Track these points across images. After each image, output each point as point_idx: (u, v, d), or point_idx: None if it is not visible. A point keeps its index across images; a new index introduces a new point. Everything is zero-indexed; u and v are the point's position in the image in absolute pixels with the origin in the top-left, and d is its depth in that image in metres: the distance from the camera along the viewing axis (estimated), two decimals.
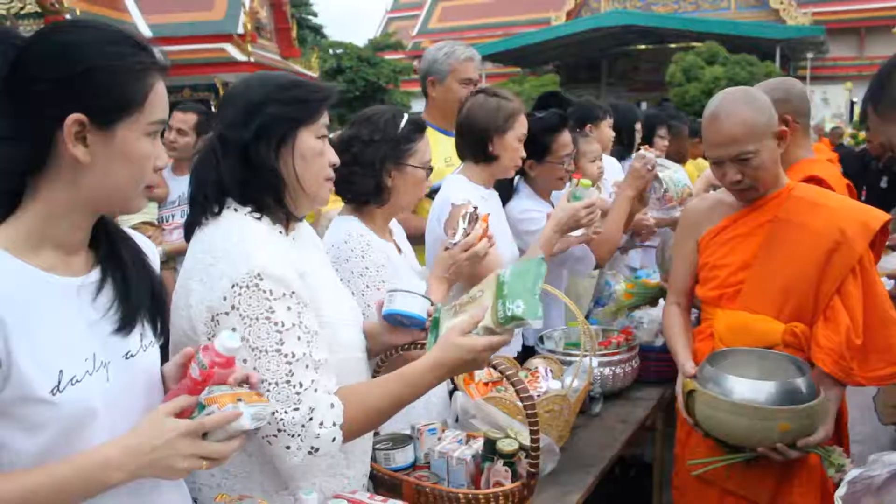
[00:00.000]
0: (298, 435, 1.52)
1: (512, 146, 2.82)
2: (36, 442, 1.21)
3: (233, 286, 1.51)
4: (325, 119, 1.72)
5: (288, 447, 1.52)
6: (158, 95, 1.29)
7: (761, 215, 2.33)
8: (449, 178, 2.90)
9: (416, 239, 2.79)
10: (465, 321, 1.67)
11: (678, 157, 5.23)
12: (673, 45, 29.08)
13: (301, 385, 1.53)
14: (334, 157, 1.75)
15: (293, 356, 1.54)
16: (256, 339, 1.52)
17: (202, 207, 1.66)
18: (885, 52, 28.95)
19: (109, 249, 1.37)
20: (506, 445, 1.83)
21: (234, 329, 1.46)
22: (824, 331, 2.20)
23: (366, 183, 2.20)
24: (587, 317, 3.22)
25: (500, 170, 2.87)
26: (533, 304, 1.58)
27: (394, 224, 2.49)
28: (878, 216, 2.24)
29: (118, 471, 1.21)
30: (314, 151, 1.69)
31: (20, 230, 1.24)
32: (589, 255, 3.14)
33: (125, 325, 1.34)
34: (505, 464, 1.81)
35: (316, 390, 1.55)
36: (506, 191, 3.18)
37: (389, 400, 1.64)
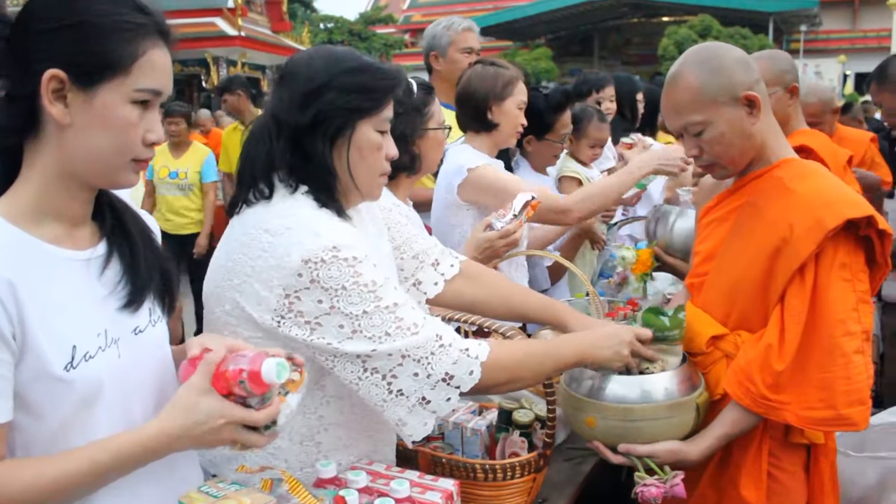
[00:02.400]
0: (426, 359, 1.49)
1: (512, 113, 2.81)
2: (49, 422, 1.19)
3: (306, 262, 1.45)
4: (388, 112, 1.63)
5: (416, 374, 1.48)
6: (152, 62, 1.21)
7: (737, 198, 1.98)
8: (454, 147, 2.89)
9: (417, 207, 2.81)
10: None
11: None
12: (666, 19, 29.01)
13: (416, 325, 1.49)
14: (393, 150, 1.67)
15: (395, 305, 1.50)
16: (349, 305, 1.47)
17: (249, 186, 1.59)
18: (878, 25, 29.04)
19: (115, 223, 1.34)
20: (522, 416, 1.83)
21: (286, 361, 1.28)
22: (747, 345, 1.85)
23: (401, 158, 2.19)
24: None
25: (501, 138, 2.86)
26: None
27: None
28: (839, 212, 1.73)
29: (170, 449, 1.21)
30: (372, 146, 1.61)
31: (20, 200, 1.21)
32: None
33: (134, 301, 1.31)
34: (521, 434, 1.81)
35: (435, 324, 1.53)
36: (505, 165, 3.19)
37: (523, 353, 1.63)
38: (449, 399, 1.52)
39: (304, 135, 1.56)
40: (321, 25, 33.91)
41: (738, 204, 1.96)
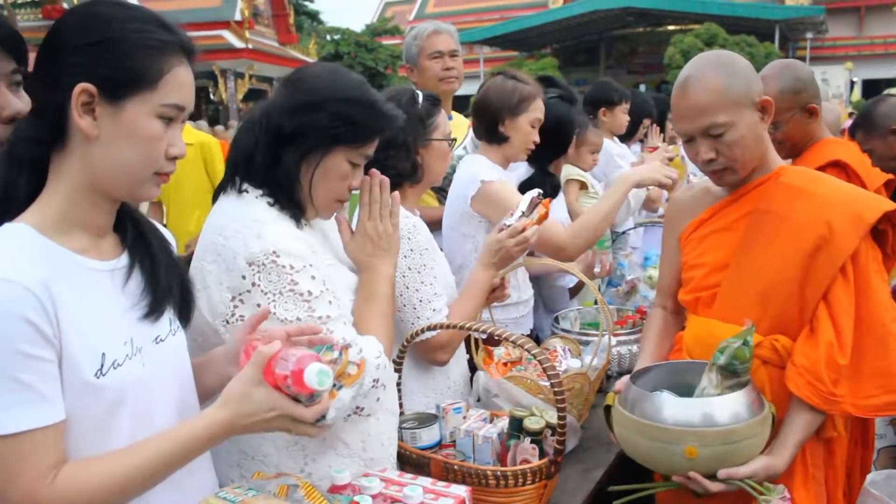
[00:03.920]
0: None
1: (523, 129, 2.83)
2: (76, 428, 1.21)
3: (249, 264, 1.54)
4: (369, 149, 1.71)
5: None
6: (178, 79, 1.26)
7: (742, 206, 1.97)
8: (469, 158, 2.91)
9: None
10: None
11: None
12: (672, 27, 29.06)
13: (344, 340, 1.54)
14: (357, 183, 1.75)
15: (328, 317, 1.57)
16: (284, 312, 1.54)
17: (232, 174, 1.69)
18: (885, 32, 29.03)
19: (136, 234, 1.37)
20: (533, 423, 1.84)
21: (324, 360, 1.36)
22: (803, 345, 1.84)
23: (403, 164, 2.21)
24: None
25: (511, 152, 2.88)
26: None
27: None
28: (875, 206, 1.82)
29: (224, 437, 1.27)
30: (338, 174, 1.68)
31: (48, 211, 1.24)
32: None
33: (154, 311, 1.34)
34: (532, 441, 1.82)
35: (365, 344, 1.62)
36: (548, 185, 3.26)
37: (383, 320, 1.76)
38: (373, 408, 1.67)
39: (283, 140, 1.63)
40: (328, 37, 34.04)
41: (745, 212, 1.96)
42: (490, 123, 2.84)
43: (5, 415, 1.11)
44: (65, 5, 15.51)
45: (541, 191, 2.35)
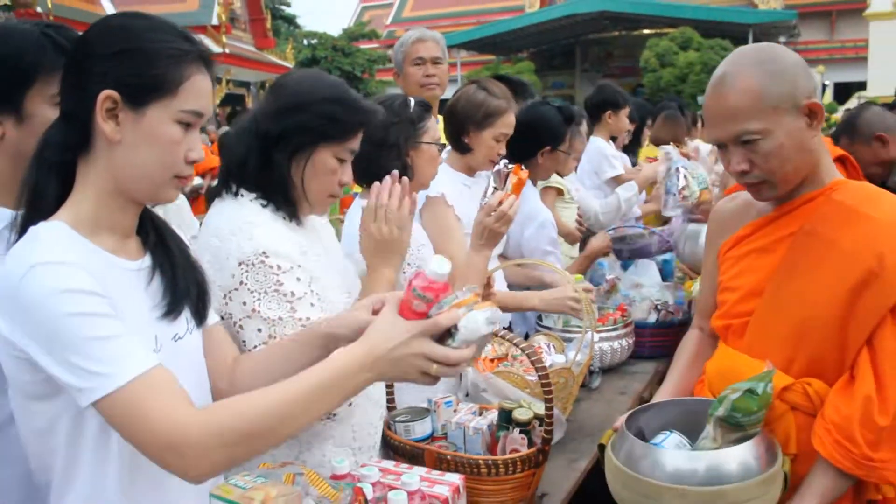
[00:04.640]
0: None
1: (487, 143, 2.85)
2: (100, 420, 1.25)
3: (240, 264, 1.63)
4: (353, 144, 1.79)
5: None
6: (197, 86, 1.32)
7: (785, 225, 1.74)
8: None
9: None
10: None
11: (676, 143, 5.38)
12: (647, 31, 29.25)
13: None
14: (347, 178, 1.83)
15: (308, 319, 1.65)
16: (268, 310, 1.64)
17: (225, 181, 1.77)
18: (855, 36, 29.42)
19: (157, 237, 1.44)
20: (521, 414, 1.91)
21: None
22: (836, 397, 1.60)
23: (392, 164, 2.27)
24: None
25: (475, 162, 2.92)
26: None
27: None
28: None
29: (367, 371, 1.27)
30: (326, 169, 1.77)
31: (80, 212, 1.30)
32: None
33: (173, 310, 1.40)
34: (521, 432, 1.90)
35: None
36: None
37: None
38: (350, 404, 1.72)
39: (272, 142, 1.73)
40: (305, 42, 34.05)
41: (788, 232, 1.74)
42: (455, 133, 2.89)
43: (109, 369, 1.17)
44: (38, 9, 15.41)
45: (506, 161, 2.39)
